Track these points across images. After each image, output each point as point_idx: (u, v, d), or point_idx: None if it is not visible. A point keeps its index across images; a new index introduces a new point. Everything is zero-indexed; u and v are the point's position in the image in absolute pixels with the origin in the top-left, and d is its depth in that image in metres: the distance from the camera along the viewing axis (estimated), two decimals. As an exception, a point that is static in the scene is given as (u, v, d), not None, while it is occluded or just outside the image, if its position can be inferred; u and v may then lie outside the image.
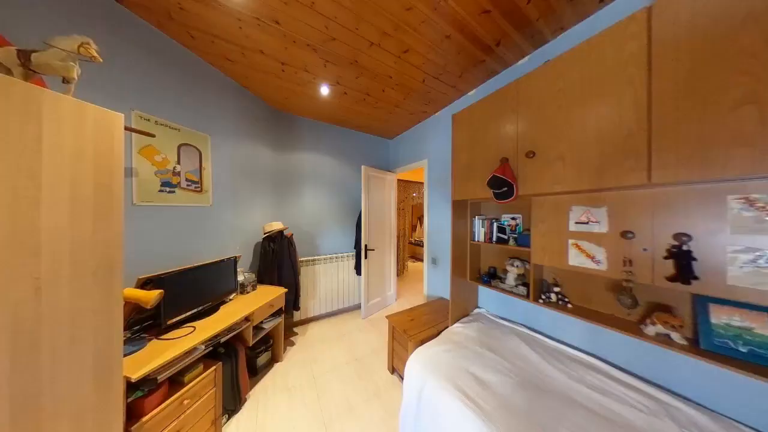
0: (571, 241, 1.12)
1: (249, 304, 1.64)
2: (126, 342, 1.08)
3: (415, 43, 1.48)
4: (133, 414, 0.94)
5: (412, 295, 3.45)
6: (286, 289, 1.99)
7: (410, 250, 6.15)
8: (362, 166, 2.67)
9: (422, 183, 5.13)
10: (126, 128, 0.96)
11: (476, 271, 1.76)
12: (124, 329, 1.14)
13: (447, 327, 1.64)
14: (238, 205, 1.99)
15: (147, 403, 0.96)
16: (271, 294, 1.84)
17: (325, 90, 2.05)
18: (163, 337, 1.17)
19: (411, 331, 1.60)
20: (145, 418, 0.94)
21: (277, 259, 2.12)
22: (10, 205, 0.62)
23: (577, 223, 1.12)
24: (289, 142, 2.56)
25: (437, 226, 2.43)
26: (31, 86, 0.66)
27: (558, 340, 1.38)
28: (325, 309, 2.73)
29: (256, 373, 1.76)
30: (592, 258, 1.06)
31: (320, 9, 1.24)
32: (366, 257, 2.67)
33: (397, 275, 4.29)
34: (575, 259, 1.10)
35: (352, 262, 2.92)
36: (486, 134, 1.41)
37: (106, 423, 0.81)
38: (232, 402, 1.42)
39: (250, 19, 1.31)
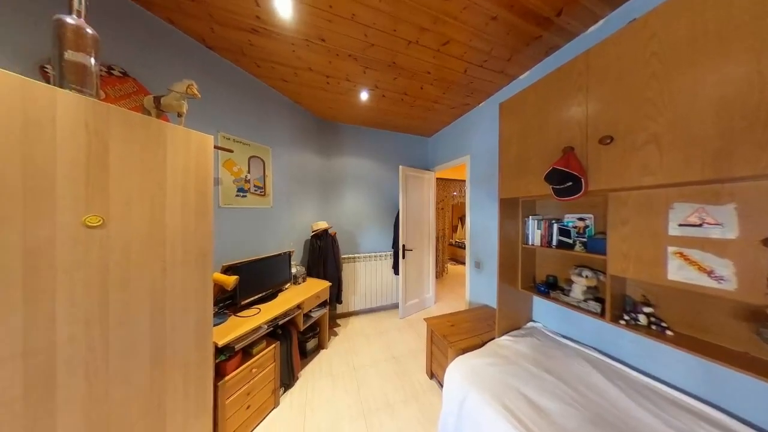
0: (672, 249, 0.87)
1: (300, 293, 1.85)
2: (214, 315, 1.37)
3: (455, 33, 1.40)
4: (218, 373, 1.18)
5: (452, 300, 3.28)
6: (330, 283, 2.17)
7: (450, 251, 5.85)
8: (400, 167, 2.68)
9: (463, 181, 4.82)
10: (215, 147, 1.22)
11: (530, 279, 1.54)
12: (213, 305, 1.45)
13: (493, 339, 1.49)
14: (292, 206, 2.27)
15: (228, 366, 1.20)
16: (318, 286, 2.03)
17: (364, 95, 2.14)
18: (239, 314, 1.44)
19: (451, 337, 1.52)
20: (227, 378, 1.18)
21: (323, 256, 2.34)
22: (149, 209, 0.87)
23: (682, 225, 0.85)
24: (332, 149, 2.78)
25: (481, 227, 2.25)
26: (161, 122, 0.91)
27: (648, 374, 1.09)
28: (365, 305, 2.86)
29: (305, 355, 1.98)
30: (710, 273, 0.79)
31: (360, 19, 1.30)
32: (404, 257, 2.67)
33: (436, 277, 4.13)
34: (679, 272, 0.85)
35: (391, 262, 2.96)
36: (543, 121, 1.22)
37: (202, 377, 1.05)
38: (287, 377, 1.64)
39: (301, 42, 1.48)
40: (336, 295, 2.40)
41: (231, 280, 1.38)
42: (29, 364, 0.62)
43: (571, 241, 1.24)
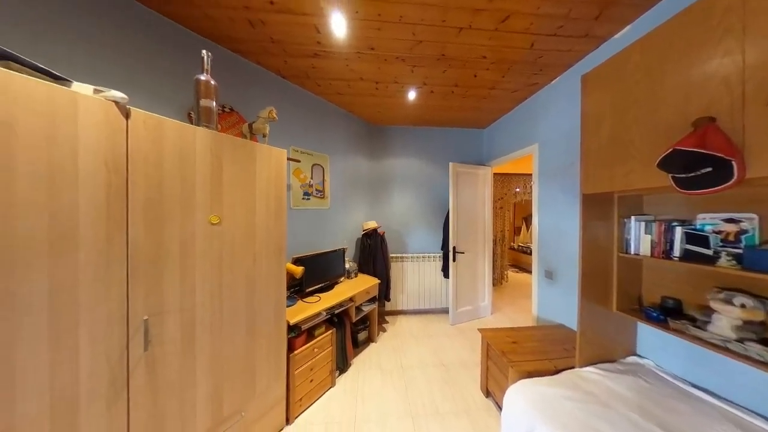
0: None
1: (352, 287, 2.00)
2: (287, 299, 1.65)
3: (517, 4, 1.21)
4: (289, 347, 1.41)
5: (513, 312, 2.86)
6: (379, 281, 2.26)
7: (511, 257, 5.11)
8: (450, 164, 2.53)
9: (529, 175, 4.12)
10: (288, 158, 1.46)
11: (632, 299, 1.18)
12: (286, 290, 1.74)
13: (571, 368, 1.21)
14: (345, 207, 2.49)
15: (296, 342, 1.42)
16: (368, 282, 2.15)
17: (412, 95, 2.12)
18: (305, 300, 1.69)
19: (513, 356, 1.33)
20: (296, 352, 1.40)
21: (372, 254, 2.46)
22: (245, 212, 1.12)
23: None
24: (381, 152, 2.88)
25: (552, 229, 1.87)
26: (253, 143, 1.16)
27: None
28: (413, 305, 2.84)
29: (357, 345, 2.14)
30: None
31: (407, 19, 1.29)
32: (454, 260, 2.51)
33: (494, 285, 3.69)
34: None
35: (440, 264, 2.83)
36: (654, 87, 0.91)
37: (279, 348, 1.28)
38: (342, 362, 1.80)
39: (353, 55, 1.59)
40: (384, 292, 2.48)
41: (299, 270, 1.63)
42: (183, 317, 0.91)
43: (709, 252, 0.87)
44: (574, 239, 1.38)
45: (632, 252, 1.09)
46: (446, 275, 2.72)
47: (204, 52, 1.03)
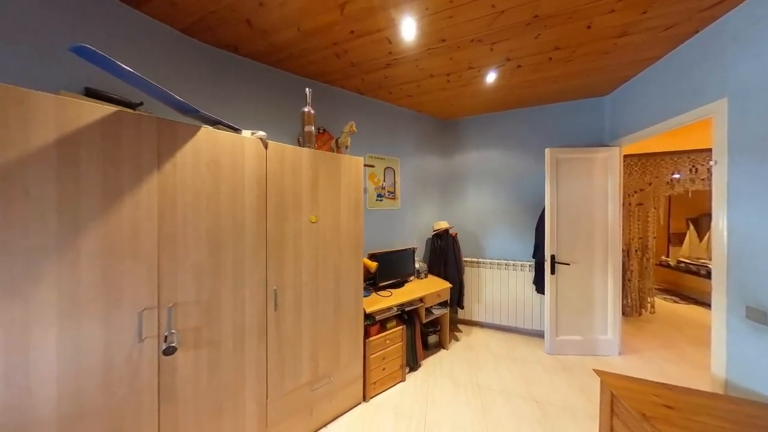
0: None
1: (422, 288, 2.00)
2: (363, 289, 1.87)
3: None
4: (365, 334, 1.59)
5: (663, 360, 1.94)
6: (451, 285, 2.12)
7: (662, 277, 3.46)
8: (546, 150, 2.02)
9: (705, 150, 2.63)
10: (364, 165, 1.66)
11: None
12: (363, 282, 1.97)
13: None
14: (415, 206, 2.52)
15: (371, 330, 1.58)
16: (439, 285, 2.07)
17: (491, 76, 1.86)
18: (378, 293, 1.84)
19: (666, 427, 0.89)
20: (371, 338, 1.55)
21: (443, 255, 2.34)
22: (333, 212, 1.36)
23: None
24: (452, 147, 2.71)
25: (760, 236, 1.09)
26: (338, 155, 1.39)
27: None
28: (492, 318, 2.48)
29: (427, 348, 2.10)
30: None
31: (485, -8, 1.15)
32: (553, 273, 1.98)
33: (626, 314, 2.63)
34: None
35: (531, 275, 2.32)
36: None
37: (357, 331, 1.47)
38: (412, 360, 1.83)
39: (423, 54, 1.59)
40: (457, 298, 2.30)
41: (374, 265, 1.80)
42: (294, 292, 1.22)
43: None
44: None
45: None
46: (540, 290, 2.19)
47: (307, 90, 1.34)
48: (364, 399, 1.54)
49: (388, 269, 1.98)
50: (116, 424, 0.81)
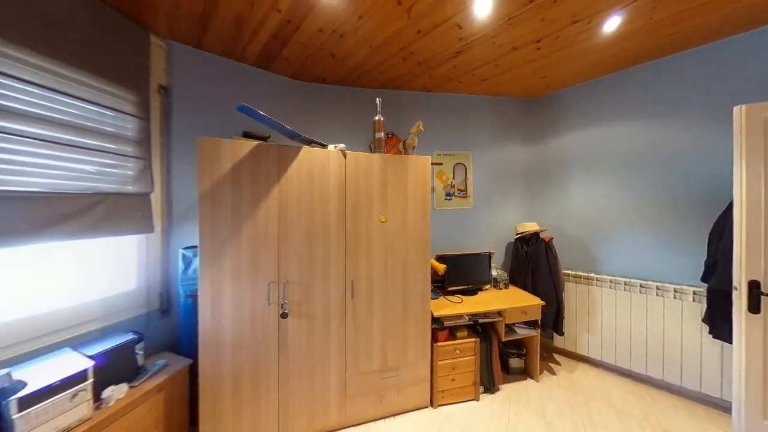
0: None
1: (501, 299, 1.73)
2: (430, 291, 1.82)
3: None
4: (433, 337, 1.55)
5: None
6: (543, 302, 1.71)
7: None
8: (737, 109, 1.25)
9: None
10: (432, 163, 1.62)
11: None
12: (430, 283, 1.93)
13: None
14: (491, 205, 2.23)
15: (439, 335, 1.53)
16: (525, 300, 1.72)
17: (612, 23, 1.37)
18: (447, 297, 1.75)
19: None
20: (439, 344, 1.51)
21: (531, 264, 1.93)
22: (400, 212, 1.42)
23: None
24: (543, 130, 2.21)
25: None
26: (405, 156, 1.45)
27: None
28: (613, 358, 1.81)
29: (508, 371, 1.80)
30: None
31: None
32: (756, 309, 1.20)
33: None
34: None
35: (698, 307, 1.52)
36: None
37: (424, 330, 1.47)
38: (487, 379, 1.63)
39: (502, 27, 1.38)
40: (553, 320, 1.83)
41: (442, 267, 1.73)
42: (367, 284, 1.37)
43: None
44: None
45: None
46: (719, 334, 1.38)
47: (378, 100, 1.46)
48: (431, 404, 1.51)
49: (458, 273, 1.85)
50: (257, 356, 1.19)
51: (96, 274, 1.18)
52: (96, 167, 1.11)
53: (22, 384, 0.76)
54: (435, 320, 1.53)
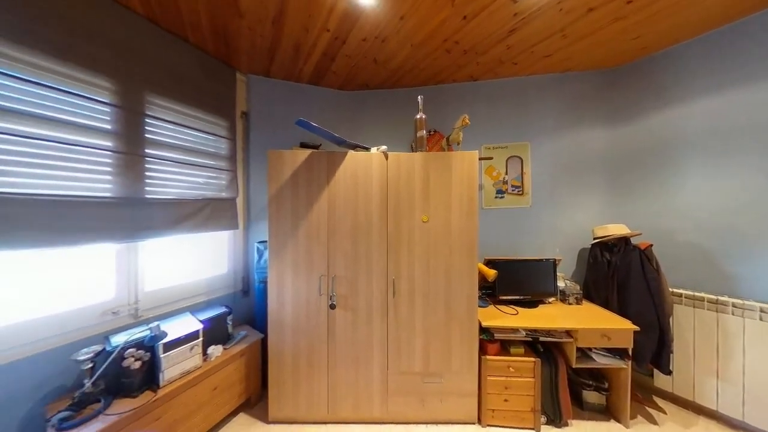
0: None
1: (571, 317, 1.44)
2: (478, 298, 1.67)
3: None
4: (481, 349, 1.41)
5: None
6: (637, 328, 1.33)
7: None
8: None
9: None
10: (479, 158, 1.49)
11: None
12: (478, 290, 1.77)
13: None
14: (556, 204, 1.89)
15: (489, 347, 1.39)
16: (606, 321, 1.39)
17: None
18: (498, 306, 1.58)
19: None
20: (488, 357, 1.37)
21: (617, 277, 1.53)
22: (444, 211, 1.36)
23: None
24: (636, 105, 1.73)
25: None
26: (449, 153, 1.39)
27: None
28: (757, 419, 1.25)
29: (582, 406, 1.48)
30: None
31: None
32: None
33: None
34: None
35: None
36: None
37: (471, 338, 1.37)
38: (551, 408, 1.38)
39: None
40: (654, 352, 1.40)
41: (491, 273, 1.57)
42: (408, 283, 1.37)
43: None
44: None
45: None
46: None
47: (419, 97, 1.45)
48: (479, 421, 1.38)
49: (512, 281, 1.63)
50: (311, 340, 1.36)
51: (204, 260, 1.59)
52: (203, 179, 1.51)
53: (165, 333, 1.09)
54: (483, 330, 1.39)
